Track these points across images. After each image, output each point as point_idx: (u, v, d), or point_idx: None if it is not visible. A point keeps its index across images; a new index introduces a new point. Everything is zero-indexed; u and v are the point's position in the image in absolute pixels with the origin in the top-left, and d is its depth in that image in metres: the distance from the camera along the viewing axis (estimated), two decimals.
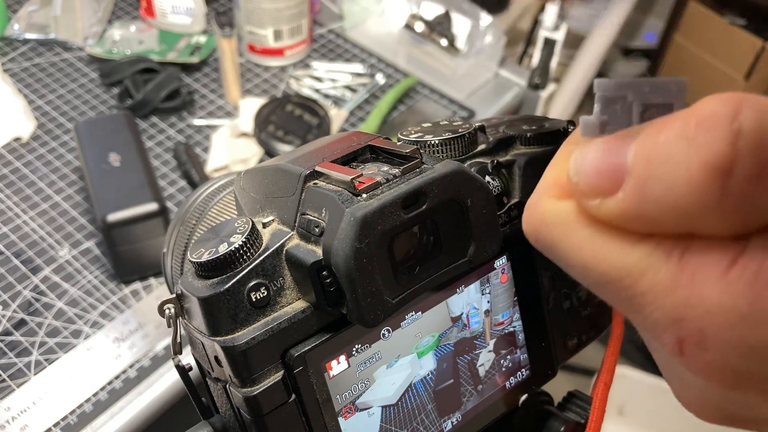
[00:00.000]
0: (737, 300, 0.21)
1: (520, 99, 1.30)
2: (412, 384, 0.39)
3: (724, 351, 0.22)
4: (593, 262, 0.24)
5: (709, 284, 0.21)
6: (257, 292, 0.34)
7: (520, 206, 0.41)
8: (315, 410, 0.35)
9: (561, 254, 0.25)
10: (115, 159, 0.96)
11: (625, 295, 0.23)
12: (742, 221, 0.21)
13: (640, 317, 0.23)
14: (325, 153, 0.36)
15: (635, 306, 0.23)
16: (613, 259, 0.23)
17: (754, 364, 0.22)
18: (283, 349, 0.34)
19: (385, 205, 0.31)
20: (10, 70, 1.23)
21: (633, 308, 0.24)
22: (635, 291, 0.23)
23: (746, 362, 0.22)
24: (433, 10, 1.29)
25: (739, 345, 0.21)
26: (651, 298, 0.23)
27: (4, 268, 0.95)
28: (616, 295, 0.24)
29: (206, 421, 0.39)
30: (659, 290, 0.22)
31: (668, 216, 0.22)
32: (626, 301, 0.24)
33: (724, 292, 0.21)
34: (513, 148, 0.41)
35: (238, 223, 0.35)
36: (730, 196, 0.20)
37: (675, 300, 0.22)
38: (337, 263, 0.31)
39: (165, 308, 0.36)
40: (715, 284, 0.21)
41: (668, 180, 0.21)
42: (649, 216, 0.22)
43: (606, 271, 0.23)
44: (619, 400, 1.68)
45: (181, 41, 1.28)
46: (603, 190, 0.23)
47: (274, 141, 1.12)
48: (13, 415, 0.81)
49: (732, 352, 0.22)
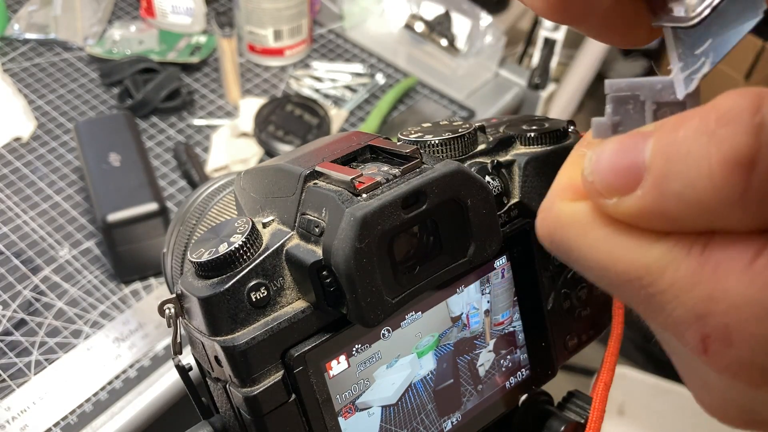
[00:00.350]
0: (763, 293, 0.20)
1: (520, 99, 1.30)
2: (412, 384, 0.39)
3: (751, 346, 0.21)
4: (611, 261, 0.23)
5: (733, 278, 0.21)
6: (257, 292, 0.34)
7: (520, 206, 0.41)
8: (315, 410, 0.35)
9: (577, 256, 0.25)
10: (115, 159, 0.96)
11: (644, 294, 0.23)
12: (765, 215, 0.20)
13: (661, 316, 0.23)
14: (325, 153, 0.36)
15: (655, 305, 0.23)
16: (632, 258, 0.23)
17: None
18: (283, 349, 0.34)
19: (385, 205, 0.31)
20: (10, 70, 1.23)
21: (653, 307, 0.23)
22: (655, 289, 0.22)
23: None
24: (433, 10, 1.29)
25: (766, 340, 0.21)
26: (672, 296, 0.22)
27: (4, 268, 0.95)
28: (635, 294, 0.23)
29: (206, 421, 0.39)
30: (681, 286, 0.22)
31: (689, 212, 0.21)
32: (646, 301, 0.23)
33: (750, 285, 0.21)
34: (513, 148, 0.41)
35: (238, 223, 0.35)
36: (753, 190, 0.20)
37: (698, 295, 0.21)
38: (337, 263, 0.31)
39: (165, 308, 0.36)
40: (739, 277, 0.21)
41: (689, 176, 0.20)
42: (669, 213, 0.21)
43: (624, 270, 0.23)
44: (619, 400, 1.68)
45: (181, 41, 1.28)
46: (620, 188, 0.22)
47: (274, 141, 1.12)
48: (13, 415, 0.81)
49: (759, 347, 0.21)
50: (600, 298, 0.46)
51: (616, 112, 0.24)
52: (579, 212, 0.24)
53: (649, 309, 0.23)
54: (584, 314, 0.46)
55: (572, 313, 0.45)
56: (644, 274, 0.22)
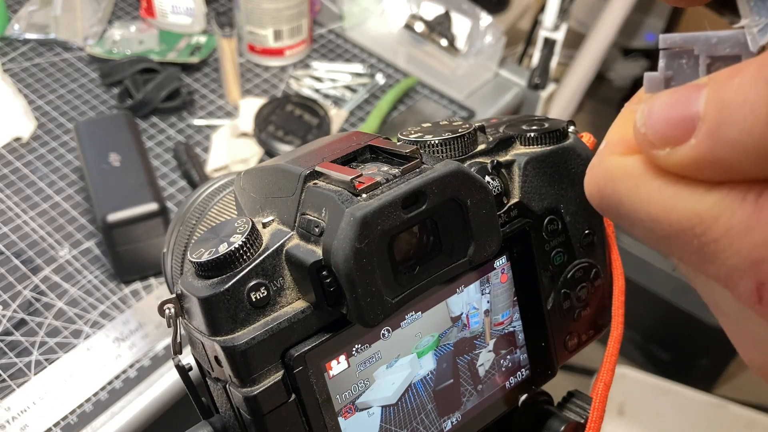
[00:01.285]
0: None
1: (520, 99, 1.30)
2: (411, 384, 0.39)
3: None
4: (663, 212, 0.23)
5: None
6: (257, 292, 0.34)
7: (520, 206, 0.41)
8: (315, 410, 0.35)
9: (629, 209, 0.24)
10: (115, 159, 0.96)
11: (697, 244, 0.22)
12: None
13: (714, 266, 0.22)
14: (325, 153, 0.36)
15: (708, 255, 0.22)
16: (685, 207, 0.22)
17: None
18: (283, 349, 0.34)
19: (385, 205, 0.31)
20: (10, 70, 1.23)
21: (706, 258, 0.22)
22: (709, 238, 0.22)
23: None
24: (433, 10, 1.29)
25: None
26: (726, 243, 0.22)
27: (4, 268, 0.95)
28: (687, 246, 0.23)
29: (206, 421, 0.39)
30: (735, 233, 0.21)
31: (744, 160, 0.21)
32: (698, 251, 0.22)
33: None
34: (513, 148, 0.41)
35: (238, 223, 0.35)
36: None
37: (753, 241, 0.21)
38: (337, 263, 0.31)
39: (165, 308, 0.36)
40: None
41: (745, 123, 0.20)
42: (724, 161, 0.21)
43: (677, 220, 0.23)
44: (619, 400, 1.68)
45: (181, 41, 1.28)
46: (674, 138, 0.22)
47: (274, 141, 1.12)
48: (13, 415, 0.81)
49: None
50: (600, 298, 0.46)
51: (669, 66, 0.24)
52: (631, 165, 0.24)
53: (701, 260, 0.23)
54: (584, 314, 0.46)
55: (572, 313, 0.45)
56: (697, 223, 0.22)
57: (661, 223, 0.23)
